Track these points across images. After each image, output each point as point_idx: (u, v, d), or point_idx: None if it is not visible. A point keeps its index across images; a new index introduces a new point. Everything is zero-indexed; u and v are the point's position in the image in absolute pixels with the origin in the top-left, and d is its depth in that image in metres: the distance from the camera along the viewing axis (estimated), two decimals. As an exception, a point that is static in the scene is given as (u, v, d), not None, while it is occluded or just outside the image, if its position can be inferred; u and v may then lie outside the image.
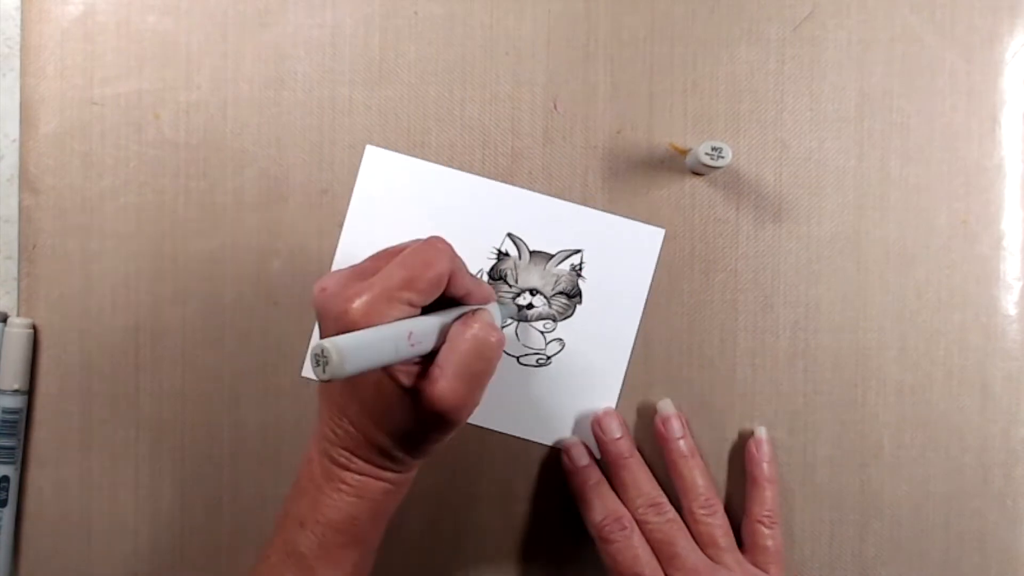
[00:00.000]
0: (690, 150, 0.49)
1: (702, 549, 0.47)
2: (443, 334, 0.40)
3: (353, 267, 0.41)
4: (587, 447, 0.49)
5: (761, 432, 0.49)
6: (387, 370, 0.39)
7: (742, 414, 0.50)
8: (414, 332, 0.38)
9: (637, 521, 0.47)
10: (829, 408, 0.50)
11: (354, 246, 0.50)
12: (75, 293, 0.50)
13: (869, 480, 0.50)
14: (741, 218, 0.50)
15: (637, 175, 0.50)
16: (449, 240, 0.40)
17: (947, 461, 0.50)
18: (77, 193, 0.50)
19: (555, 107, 0.50)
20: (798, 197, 0.50)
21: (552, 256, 0.50)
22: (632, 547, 0.46)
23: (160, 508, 0.50)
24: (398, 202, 0.50)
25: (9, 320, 0.50)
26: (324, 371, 0.33)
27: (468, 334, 0.40)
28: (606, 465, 0.49)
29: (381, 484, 0.41)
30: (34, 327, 0.50)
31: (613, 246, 0.50)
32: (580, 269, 0.50)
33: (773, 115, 0.50)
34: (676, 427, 0.49)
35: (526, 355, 0.50)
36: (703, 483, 0.48)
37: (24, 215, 0.50)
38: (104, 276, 0.50)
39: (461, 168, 0.50)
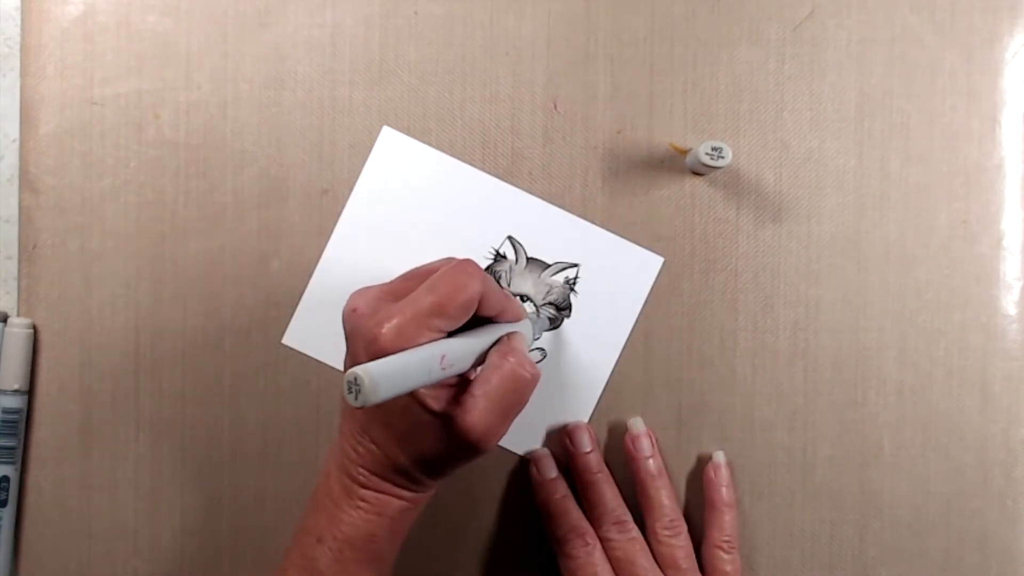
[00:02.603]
0: (690, 150, 0.49)
1: (663, 570, 0.46)
2: (478, 359, 0.40)
3: (383, 286, 0.41)
4: (557, 459, 0.49)
5: (719, 456, 0.49)
6: (416, 397, 0.38)
7: (742, 414, 0.50)
8: (447, 355, 0.37)
9: (600, 538, 0.47)
10: (829, 408, 0.50)
11: (354, 227, 0.50)
12: (75, 293, 0.50)
13: (869, 480, 0.50)
14: (741, 218, 0.50)
15: (637, 175, 0.50)
16: (449, 235, 0.40)
17: (947, 461, 0.50)
18: (77, 193, 0.50)
19: (555, 107, 0.50)
20: (798, 197, 0.50)
21: (548, 266, 0.50)
22: (592, 564, 0.46)
23: (160, 508, 0.50)
24: (404, 188, 0.50)
25: (9, 320, 0.50)
26: (356, 398, 0.33)
27: (506, 368, 0.39)
28: (574, 479, 0.49)
29: (399, 503, 0.41)
30: (34, 327, 0.50)
31: (611, 267, 0.49)
32: (574, 284, 0.50)
33: (773, 115, 0.50)
34: (646, 446, 0.48)
35: None
36: (669, 504, 0.47)
37: (24, 215, 0.50)
38: (104, 276, 0.50)
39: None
